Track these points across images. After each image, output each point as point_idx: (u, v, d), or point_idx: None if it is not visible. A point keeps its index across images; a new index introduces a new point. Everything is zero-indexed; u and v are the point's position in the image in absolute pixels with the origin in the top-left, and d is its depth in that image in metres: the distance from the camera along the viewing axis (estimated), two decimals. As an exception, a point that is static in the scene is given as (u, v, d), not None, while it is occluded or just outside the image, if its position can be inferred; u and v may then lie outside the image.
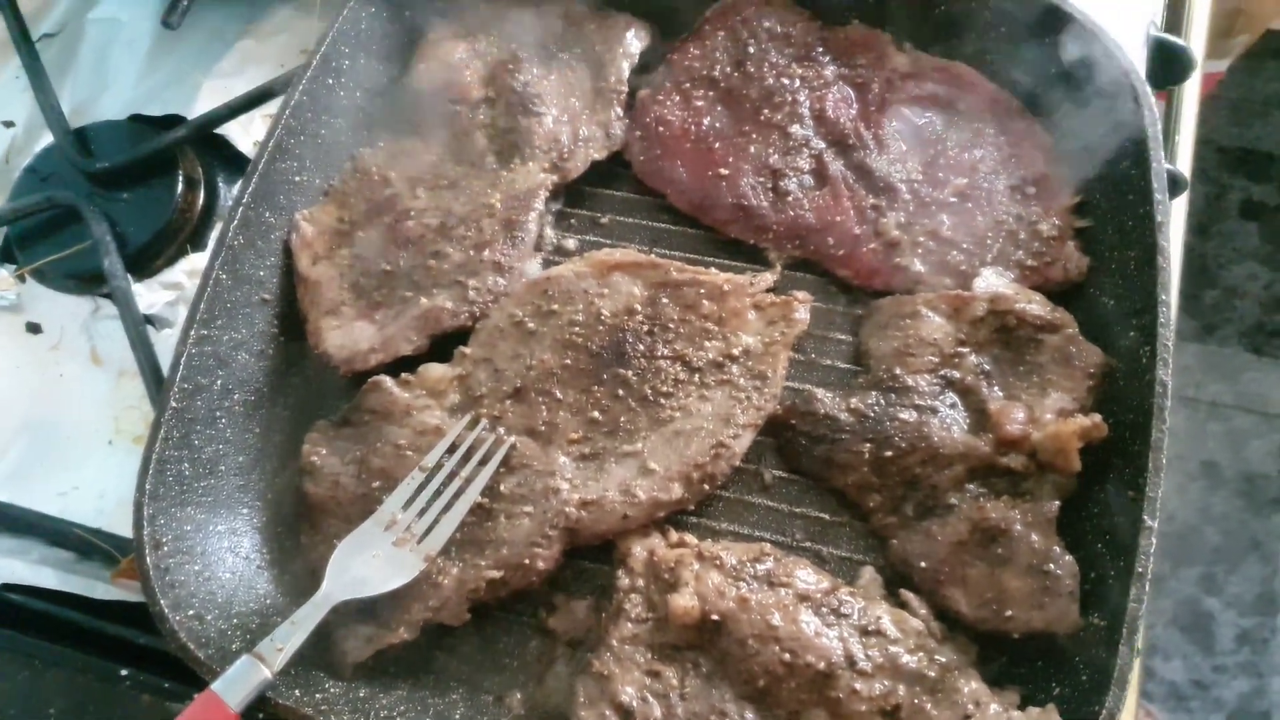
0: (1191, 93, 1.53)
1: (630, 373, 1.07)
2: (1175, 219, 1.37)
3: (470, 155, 1.19)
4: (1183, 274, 3.07)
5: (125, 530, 1.12)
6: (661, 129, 1.19)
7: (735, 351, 1.08)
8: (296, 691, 0.93)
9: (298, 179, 1.18)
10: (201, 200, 1.33)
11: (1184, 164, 1.46)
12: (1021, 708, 0.92)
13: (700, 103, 1.20)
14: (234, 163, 1.37)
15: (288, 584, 1.06)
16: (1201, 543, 2.79)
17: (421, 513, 1.01)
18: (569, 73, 1.23)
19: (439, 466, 1.03)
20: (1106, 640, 0.90)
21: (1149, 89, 1.11)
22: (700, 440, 1.04)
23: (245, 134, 1.36)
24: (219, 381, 1.08)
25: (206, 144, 1.36)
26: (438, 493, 1.02)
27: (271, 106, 1.29)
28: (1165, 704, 2.62)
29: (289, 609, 1.03)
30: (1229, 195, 3.20)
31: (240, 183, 1.12)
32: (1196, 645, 2.67)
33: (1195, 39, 1.54)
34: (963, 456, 1.01)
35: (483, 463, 1.03)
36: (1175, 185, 1.18)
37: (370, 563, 0.98)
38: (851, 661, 0.92)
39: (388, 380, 1.09)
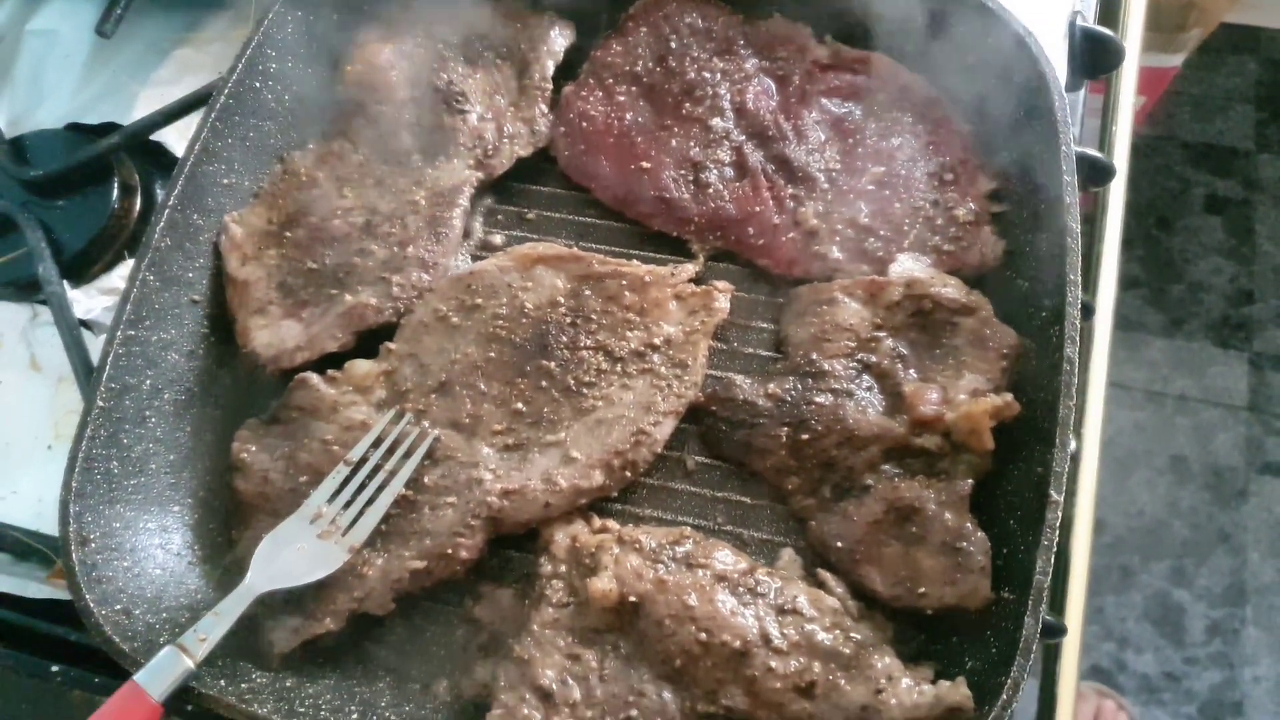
0: (1128, 83, 1.55)
1: (553, 364, 1.09)
2: (1115, 211, 1.40)
3: (397, 154, 1.20)
4: (1148, 269, 3.10)
5: (59, 532, 1.13)
6: (585, 125, 1.21)
7: (657, 341, 1.09)
8: (222, 681, 0.94)
9: (226, 181, 1.19)
10: (139, 206, 1.33)
11: (1120, 153, 1.48)
12: (935, 682, 0.93)
13: (623, 98, 1.22)
14: (171, 170, 1.38)
15: (219, 579, 1.06)
16: (1170, 536, 2.80)
17: (346, 506, 1.02)
18: (494, 71, 1.25)
19: (364, 460, 1.05)
20: (1016, 613, 0.92)
21: (1061, 75, 1.13)
22: (622, 428, 1.05)
23: (182, 141, 1.36)
24: (148, 381, 1.09)
25: (144, 151, 1.37)
26: (362, 486, 1.03)
27: (207, 112, 1.30)
28: (1138, 696, 2.62)
29: (217, 603, 1.04)
30: (1193, 190, 3.23)
31: (167, 186, 1.13)
32: (1167, 638, 2.69)
33: (1132, 30, 1.56)
34: (878, 438, 1.03)
35: (407, 456, 1.05)
36: (1104, 173, 1.20)
37: (295, 555, 1.00)
38: (767, 640, 0.93)
39: (314, 377, 1.10)
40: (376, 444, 1.06)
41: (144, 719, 0.88)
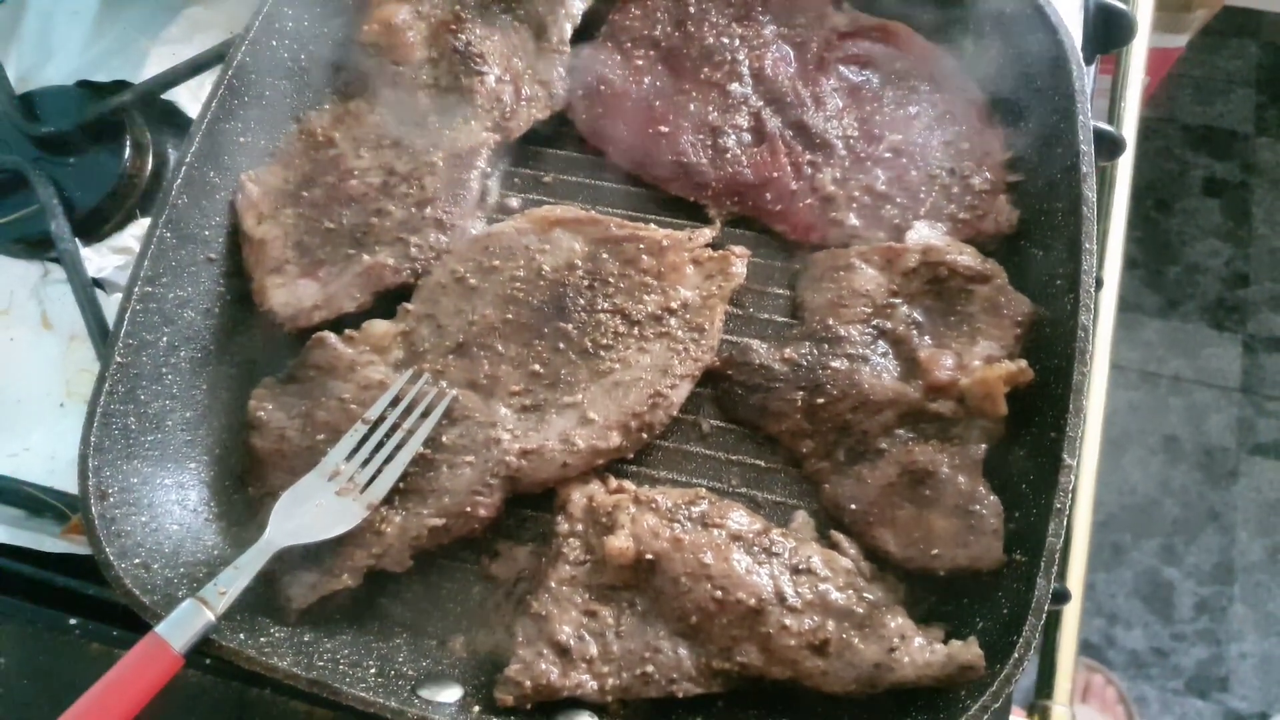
0: (1137, 58, 1.55)
1: (571, 326, 1.09)
2: (1122, 187, 1.41)
3: (414, 115, 1.20)
4: (1145, 250, 3.12)
5: (75, 487, 1.13)
6: (603, 88, 1.21)
7: (674, 305, 1.10)
8: (241, 635, 0.95)
9: (242, 140, 1.19)
10: (150, 165, 1.33)
11: (1129, 129, 1.48)
12: (946, 642, 0.95)
13: (641, 62, 1.22)
14: (184, 129, 1.36)
15: (235, 536, 1.07)
16: (1162, 515, 2.83)
17: (364, 464, 1.03)
18: (511, 33, 1.24)
19: (382, 419, 1.05)
20: (1027, 575, 0.93)
21: (1078, 46, 1.13)
22: (639, 390, 1.06)
23: (195, 101, 1.36)
24: (164, 338, 1.09)
25: (155, 110, 1.37)
26: (380, 444, 1.04)
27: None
28: (1126, 671, 2.66)
29: (235, 558, 1.05)
30: (1192, 172, 3.23)
31: (184, 142, 1.13)
32: (1156, 614, 2.72)
33: (1143, 5, 1.56)
34: (893, 403, 1.04)
35: (425, 415, 1.05)
36: (1115, 146, 1.20)
37: (313, 511, 1.00)
38: (781, 598, 0.95)
39: (332, 336, 1.11)
40: (394, 403, 1.06)
41: (165, 670, 0.89)
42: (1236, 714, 2.57)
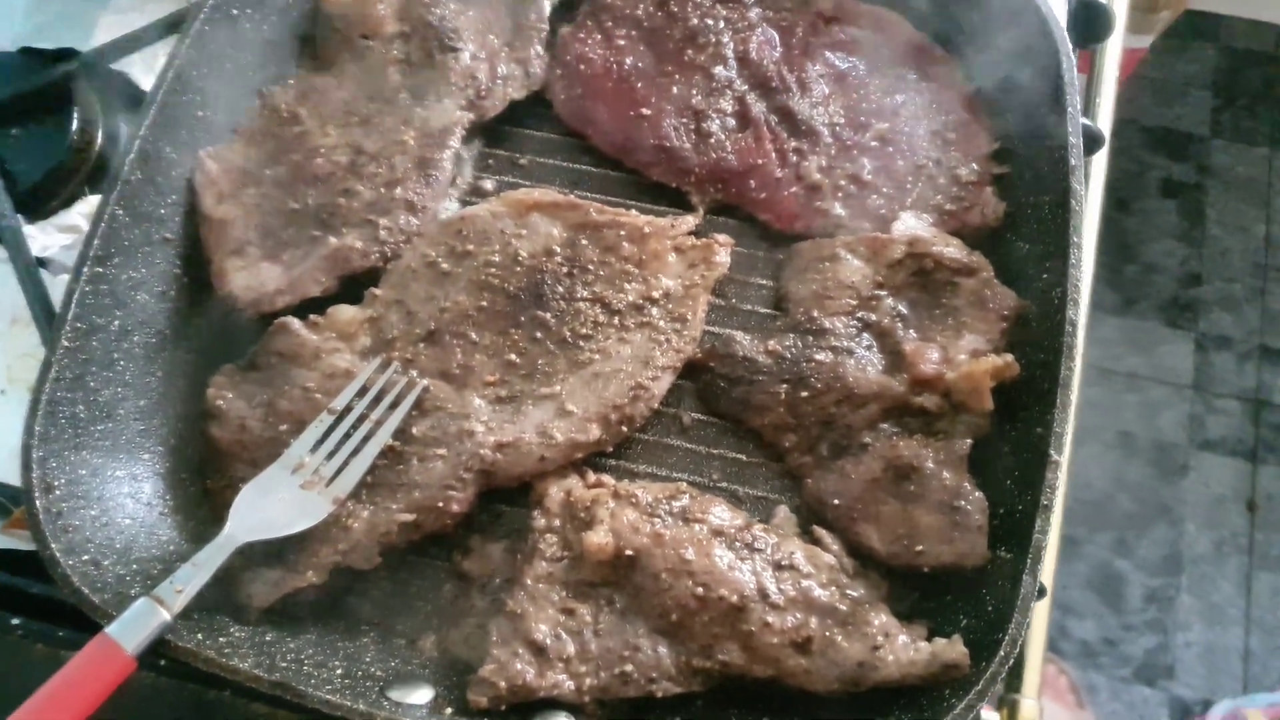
0: (1112, 56, 1.55)
1: (548, 315, 1.05)
2: (1094, 183, 1.40)
3: (384, 92, 1.15)
4: (1104, 249, 3.15)
5: (18, 479, 1.07)
6: (583, 68, 1.17)
7: (655, 294, 1.07)
8: (199, 635, 0.91)
9: (201, 114, 1.13)
10: (100, 140, 1.26)
11: (1103, 125, 1.48)
12: (930, 640, 0.93)
13: (623, 42, 1.18)
14: (137, 102, 1.29)
15: (192, 530, 1.02)
16: (1115, 509, 2.87)
17: (330, 456, 0.98)
18: (487, 8, 1.20)
19: (348, 409, 1.01)
20: (1012, 572, 0.92)
21: (1069, 38, 1.12)
22: (619, 382, 1.03)
23: (149, 72, 1.30)
24: (116, 322, 1.03)
25: (106, 81, 1.30)
26: (347, 436, 0.99)
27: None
28: (1077, 661, 2.70)
29: (192, 554, 1.00)
30: (1150, 173, 3.27)
31: (138, 115, 1.07)
32: (1107, 605, 2.76)
33: (1119, 1, 1.56)
34: (877, 396, 1.02)
35: (394, 406, 1.01)
36: (1093, 141, 1.19)
37: (276, 505, 0.96)
38: (764, 595, 0.92)
39: (295, 322, 1.06)
40: (362, 393, 1.02)
41: (116, 674, 0.84)
42: (1181, 701, 2.62)
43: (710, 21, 1.18)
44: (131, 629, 0.85)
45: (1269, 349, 3.00)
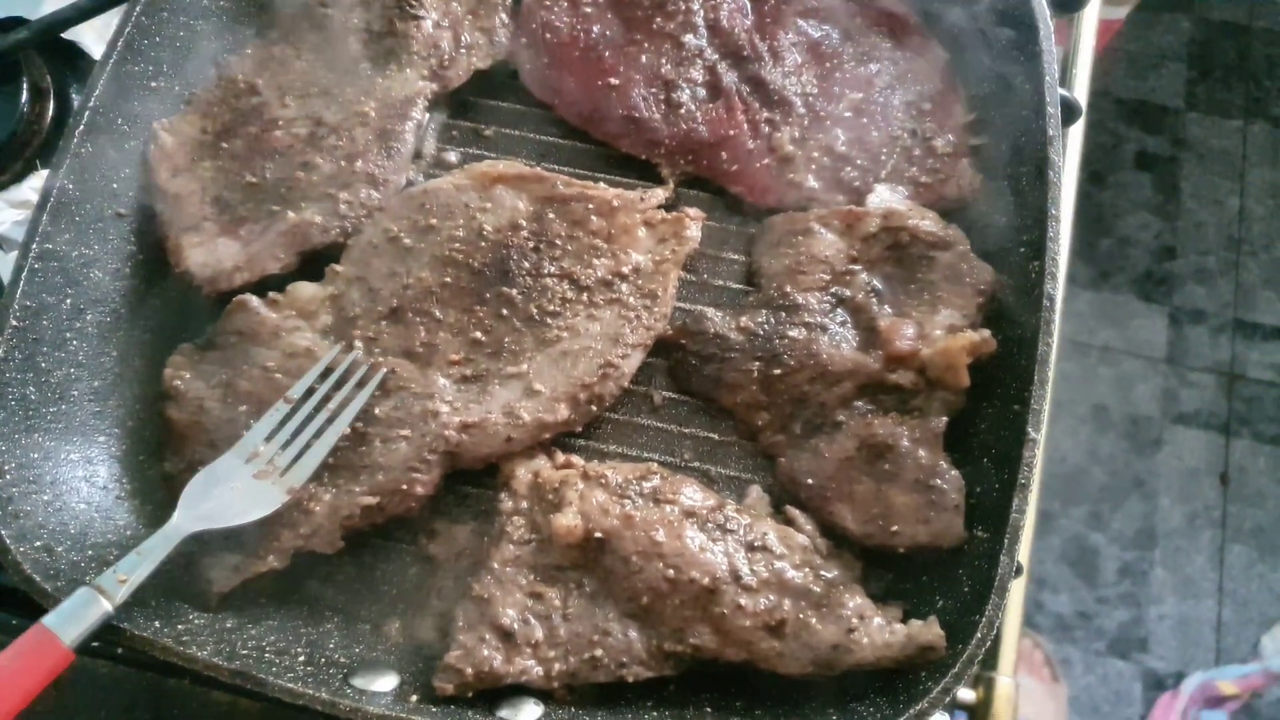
0: (1089, 26, 1.53)
1: (515, 291, 1.03)
2: (1071, 155, 1.38)
3: (343, 62, 1.12)
4: (1079, 222, 3.15)
5: (-35, 464, 1.04)
6: (549, 36, 1.13)
7: (625, 270, 1.04)
8: (156, 623, 0.89)
9: (154, 85, 1.09)
10: (51, 112, 1.22)
11: (1080, 97, 1.47)
12: (905, 621, 0.92)
13: (590, 9, 1.14)
14: (89, 73, 1.26)
15: (150, 514, 1.00)
16: (1090, 482, 2.88)
17: (285, 445, 0.95)
18: (451, -25, 1.16)
19: (308, 395, 0.98)
20: (989, 552, 0.91)
21: (1046, 6, 1.10)
22: (588, 360, 1.00)
23: (101, 42, 1.24)
24: (68, 300, 1.00)
25: (57, 51, 1.26)
26: (305, 424, 0.96)
27: (129, 9, 1.19)
28: (1052, 635, 2.71)
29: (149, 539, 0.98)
30: (1124, 146, 3.27)
31: (87, 86, 1.03)
32: (1082, 579, 2.78)
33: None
34: (851, 373, 1.00)
35: (359, 387, 0.98)
36: (1070, 112, 1.18)
37: (228, 494, 0.93)
38: (736, 576, 0.91)
39: (254, 300, 1.03)
40: (322, 378, 0.99)
41: (52, 666, 0.81)
42: (1154, 673, 2.64)
43: (680, -13, 1.15)
44: (70, 619, 0.82)
45: (1242, 322, 3.01)
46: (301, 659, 0.91)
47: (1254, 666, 2.54)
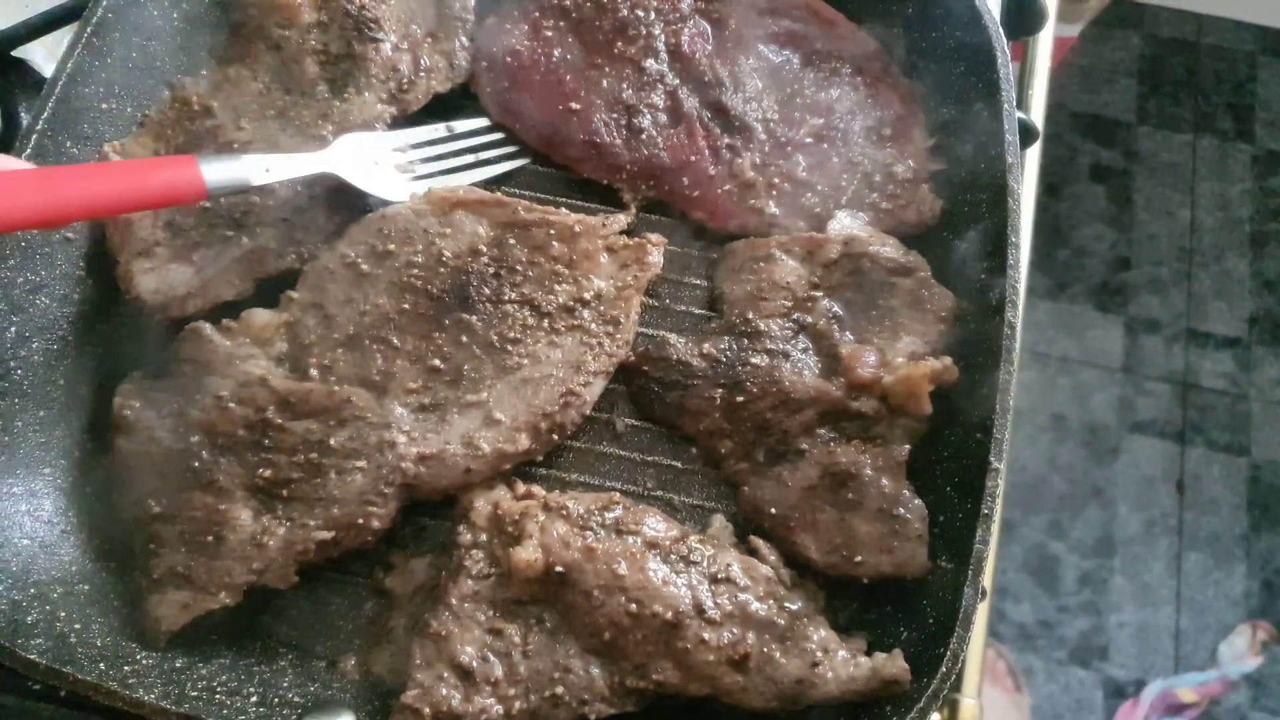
0: (1045, 47, 1.55)
1: (475, 318, 1.01)
2: (1029, 174, 1.40)
3: (300, 84, 1.10)
4: (1037, 234, 3.18)
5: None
6: (510, 60, 1.12)
7: (587, 296, 1.03)
8: (101, 665, 0.86)
9: (105, 106, 1.07)
10: (-1, 132, 1.19)
11: (1036, 116, 1.48)
12: (869, 653, 0.92)
13: (551, 33, 1.14)
14: (38, 91, 1.23)
15: (97, 549, 0.97)
16: (1049, 491, 2.91)
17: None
18: (410, -3, 1.15)
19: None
20: (953, 583, 0.90)
21: (1003, 34, 1.11)
22: (549, 388, 0.99)
23: (52, 60, 1.22)
24: (13, 327, 0.98)
25: (5, 69, 1.22)
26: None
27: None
28: (1014, 644, 2.73)
29: (97, 575, 0.95)
30: (1079, 159, 3.31)
31: (35, 107, 1.01)
32: (1043, 588, 2.80)
33: (1049, -3, 1.56)
34: (814, 401, 1.00)
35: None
36: (1027, 134, 1.18)
37: (369, 163, 1.07)
38: (700, 610, 0.90)
39: (207, 327, 1.00)
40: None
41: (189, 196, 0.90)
42: (1115, 681, 2.67)
43: (641, 13, 1.14)
44: (218, 168, 0.92)
45: (1195, 332, 3.06)
46: (254, 699, 0.89)
47: (1212, 674, 2.58)
